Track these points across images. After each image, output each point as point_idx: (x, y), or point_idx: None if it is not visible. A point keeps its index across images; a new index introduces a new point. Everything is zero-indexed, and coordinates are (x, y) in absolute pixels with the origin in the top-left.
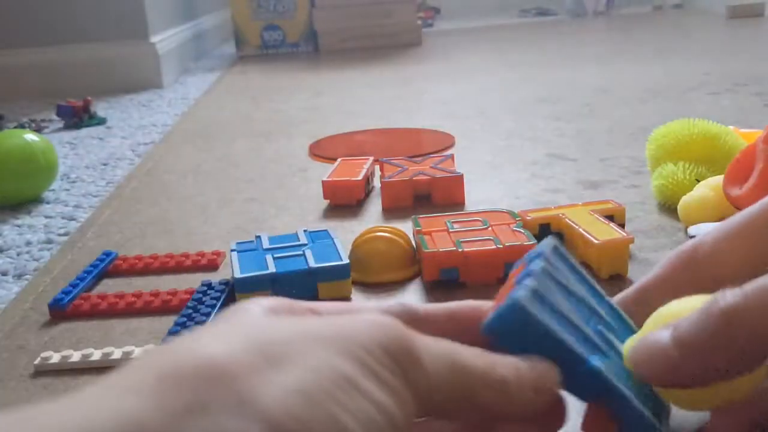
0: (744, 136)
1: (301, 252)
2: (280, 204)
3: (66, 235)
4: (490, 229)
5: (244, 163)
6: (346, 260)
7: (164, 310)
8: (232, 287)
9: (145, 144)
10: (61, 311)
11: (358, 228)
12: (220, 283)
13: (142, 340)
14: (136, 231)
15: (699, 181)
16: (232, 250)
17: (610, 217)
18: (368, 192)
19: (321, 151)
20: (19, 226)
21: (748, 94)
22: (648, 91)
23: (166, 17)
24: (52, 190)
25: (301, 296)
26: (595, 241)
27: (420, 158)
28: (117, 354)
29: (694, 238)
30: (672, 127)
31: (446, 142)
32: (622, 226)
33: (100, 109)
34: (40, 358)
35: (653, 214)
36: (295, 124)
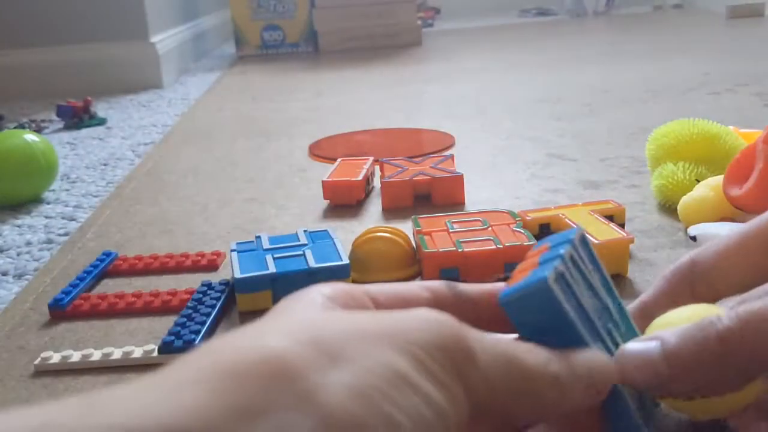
0: (744, 136)
1: (301, 252)
2: (280, 204)
3: (66, 235)
4: (490, 229)
5: (244, 163)
6: (346, 260)
7: (164, 310)
8: (232, 287)
9: (145, 144)
10: (61, 311)
11: (358, 228)
12: (220, 283)
13: (142, 340)
14: (136, 231)
15: (699, 181)
16: (232, 250)
17: (610, 217)
18: (368, 192)
19: (321, 151)
20: (19, 226)
21: (748, 94)
22: (648, 91)
23: (166, 17)
24: (52, 190)
25: None
26: (595, 241)
27: (420, 158)
28: (117, 354)
29: (691, 252)
30: (672, 127)
31: (446, 142)
32: (622, 226)
33: (100, 109)
34: (40, 358)
35: (653, 214)
36: (295, 124)
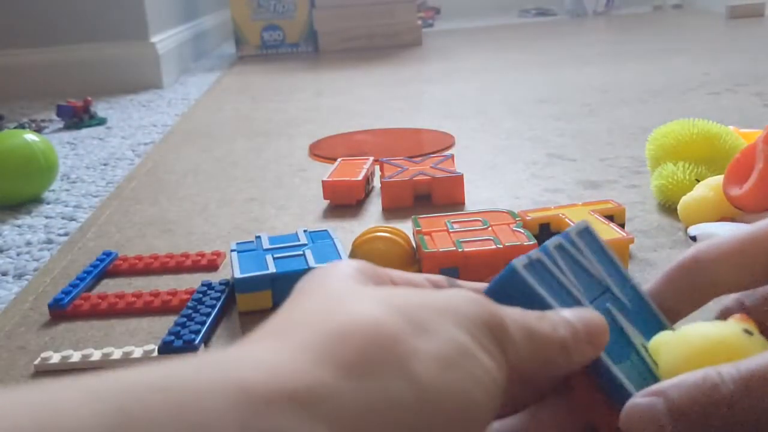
0: (744, 136)
1: (301, 252)
2: (280, 204)
3: (66, 235)
4: (490, 229)
5: (244, 163)
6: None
7: (164, 310)
8: (232, 287)
9: (145, 144)
10: (61, 311)
11: (358, 228)
12: (220, 283)
13: (142, 340)
14: (136, 231)
15: (699, 181)
16: (232, 250)
17: (610, 217)
18: (368, 192)
19: (321, 151)
20: (19, 226)
21: (748, 94)
22: (648, 91)
23: (166, 17)
24: (52, 190)
25: None
26: None
27: (420, 158)
28: (117, 354)
29: (693, 246)
30: (672, 127)
31: (446, 142)
32: (622, 226)
33: (100, 109)
34: (40, 358)
35: (653, 214)
36: (295, 124)
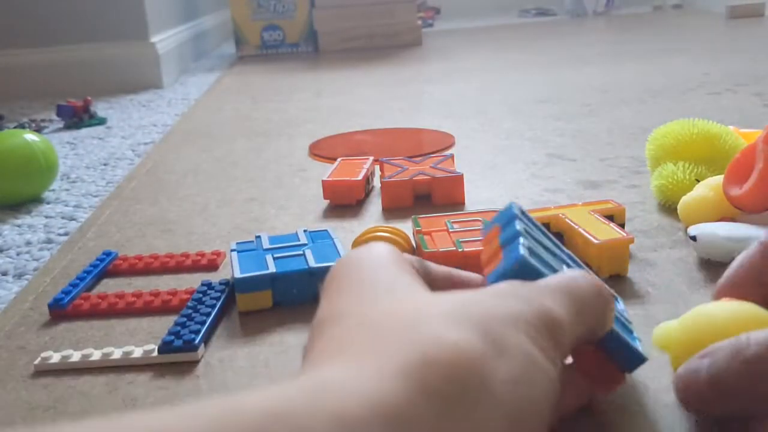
0: (744, 136)
1: (301, 252)
2: (280, 204)
3: (66, 235)
4: None
5: (244, 163)
6: None
7: (164, 310)
8: (232, 287)
9: (145, 144)
10: (61, 311)
11: (358, 228)
12: (220, 283)
13: (142, 340)
14: (136, 231)
15: (699, 181)
16: (232, 250)
17: (610, 217)
18: (368, 192)
19: (321, 151)
20: (19, 226)
21: (748, 94)
22: (648, 91)
23: (166, 17)
24: (52, 190)
25: (301, 296)
26: (595, 241)
27: (420, 158)
28: (117, 354)
29: (761, 237)
30: (672, 127)
31: (446, 142)
32: (622, 226)
33: (100, 109)
34: (40, 358)
35: (653, 214)
36: (295, 124)
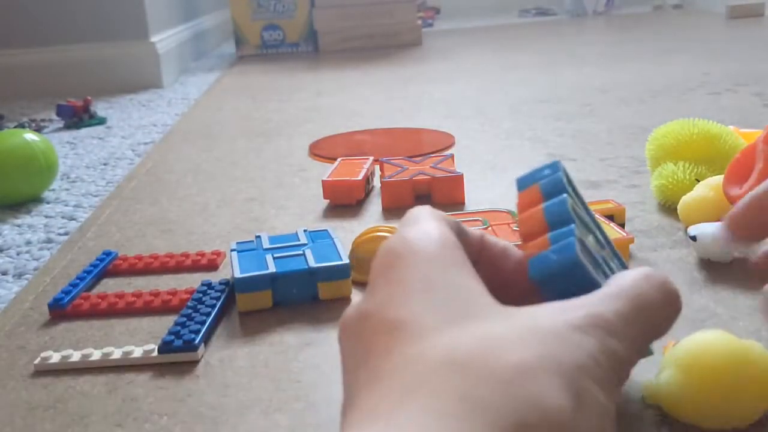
0: (744, 136)
1: (301, 252)
2: (280, 204)
3: (66, 234)
4: (490, 229)
5: (244, 163)
6: (346, 260)
7: (164, 310)
8: (232, 287)
9: (145, 144)
10: (61, 311)
11: (358, 228)
12: (220, 283)
13: (142, 340)
14: (136, 231)
15: (699, 181)
16: (232, 250)
17: (610, 217)
18: (368, 192)
19: (321, 151)
20: (19, 226)
21: (748, 94)
22: (648, 91)
23: (166, 17)
24: (52, 190)
25: (301, 296)
26: None
27: (420, 158)
28: (117, 354)
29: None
30: (672, 127)
31: (446, 142)
32: (622, 226)
33: (100, 109)
34: (40, 358)
35: (653, 214)
36: (295, 124)
